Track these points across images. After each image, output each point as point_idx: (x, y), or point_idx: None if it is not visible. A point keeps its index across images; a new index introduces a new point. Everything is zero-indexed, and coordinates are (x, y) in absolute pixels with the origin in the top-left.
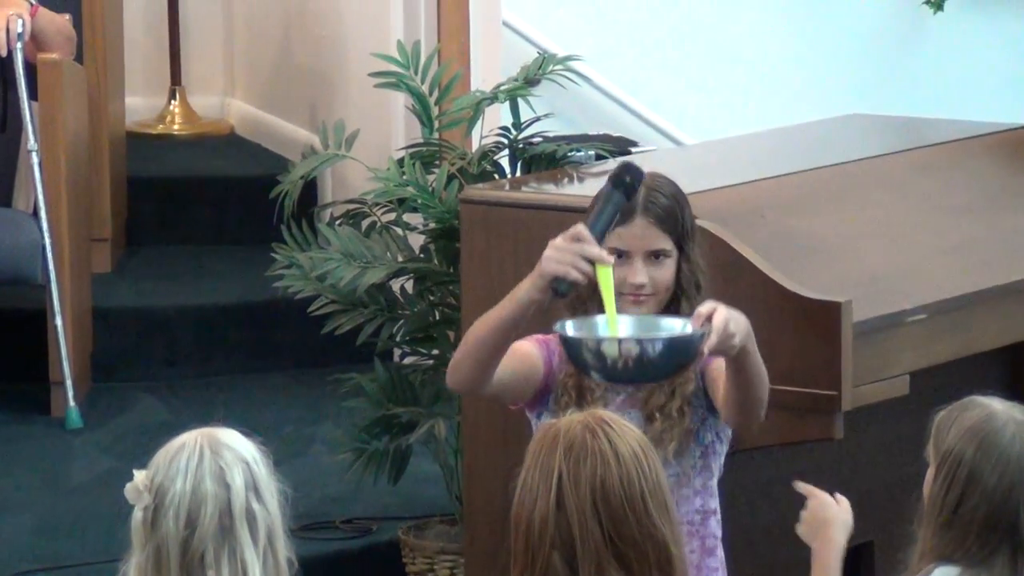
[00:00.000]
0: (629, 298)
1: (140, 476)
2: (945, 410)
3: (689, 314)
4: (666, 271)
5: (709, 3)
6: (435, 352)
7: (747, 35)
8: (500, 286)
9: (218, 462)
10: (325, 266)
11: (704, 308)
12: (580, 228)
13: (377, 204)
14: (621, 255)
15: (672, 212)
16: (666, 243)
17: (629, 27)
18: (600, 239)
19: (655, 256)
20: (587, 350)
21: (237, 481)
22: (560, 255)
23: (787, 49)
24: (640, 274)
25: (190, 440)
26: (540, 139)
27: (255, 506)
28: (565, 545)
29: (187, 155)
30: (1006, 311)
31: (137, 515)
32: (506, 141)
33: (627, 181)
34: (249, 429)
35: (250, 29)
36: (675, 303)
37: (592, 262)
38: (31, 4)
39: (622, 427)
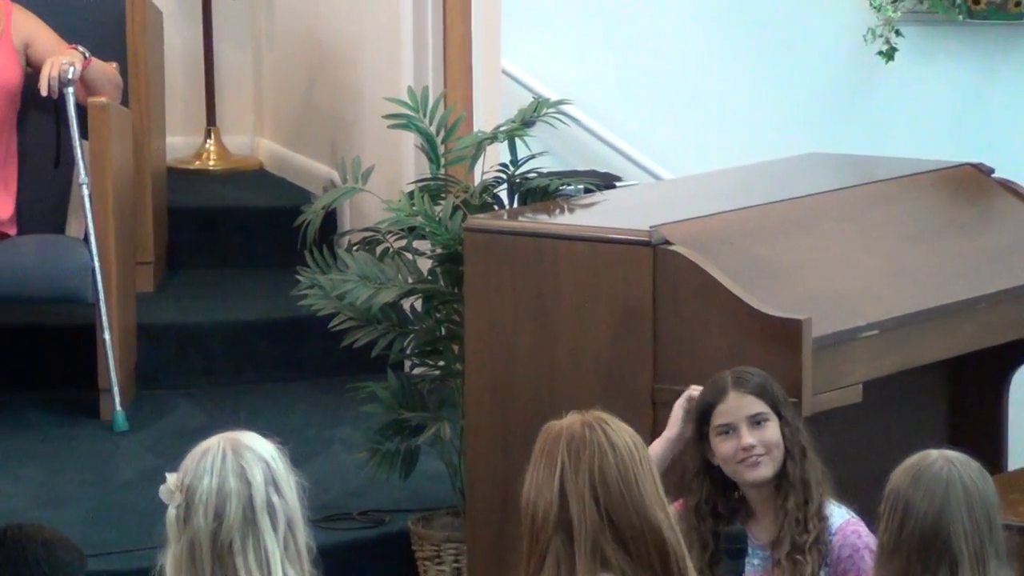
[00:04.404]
0: (744, 465)
1: (172, 479)
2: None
3: (795, 475)
4: (770, 431)
5: (686, 55)
6: (441, 363)
7: (719, 83)
8: (499, 305)
9: (239, 462)
10: (344, 287)
11: None
12: None
13: (390, 232)
14: (728, 431)
15: (761, 383)
16: (762, 407)
17: (614, 76)
18: None
19: (756, 420)
20: None
21: (257, 478)
22: None
23: (755, 95)
24: (747, 437)
25: (213, 444)
26: (535, 174)
27: (275, 499)
28: (565, 526)
29: (221, 188)
30: (947, 328)
31: (171, 513)
32: (505, 176)
33: (740, 548)
34: (276, 431)
35: (277, 76)
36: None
37: None
38: (85, 57)
39: (618, 424)
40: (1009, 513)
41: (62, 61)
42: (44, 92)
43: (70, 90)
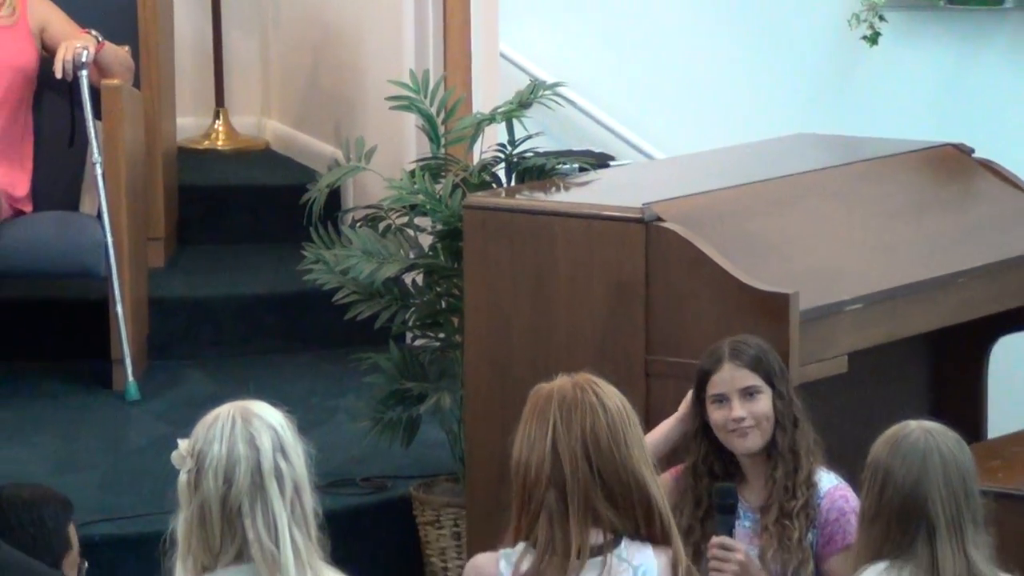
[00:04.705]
0: (735, 435)
1: (183, 445)
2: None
3: (784, 446)
4: (761, 404)
5: (678, 38)
6: (441, 335)
7: (710, 66)
8: (497, 279)
9: (248, 429)
10: (347, 262)
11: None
12: (726, 540)
13: (392, 209)
14: (721, 400)
15: (756, 356)
16: (755, 380)
17: (608, 58)
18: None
19: (748, 393)
20: None
21: (265, 444)
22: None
23: (745, 77)
24: (737, 409)
25: (224, 411)
26: (532, 154)
27: (282, 464)
28: (558, 483)
29: (229, 167)
30: (929, 302)
31: (182, 478)
32: (502, 156)
33: (730, 504)
34: (282, 400)
35: (283, 59)
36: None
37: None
38: (98, 41)
39: (607, 386)
40: (988, 479)
41: (76, 45)
42: (59, 75)
43: (84, 73)
